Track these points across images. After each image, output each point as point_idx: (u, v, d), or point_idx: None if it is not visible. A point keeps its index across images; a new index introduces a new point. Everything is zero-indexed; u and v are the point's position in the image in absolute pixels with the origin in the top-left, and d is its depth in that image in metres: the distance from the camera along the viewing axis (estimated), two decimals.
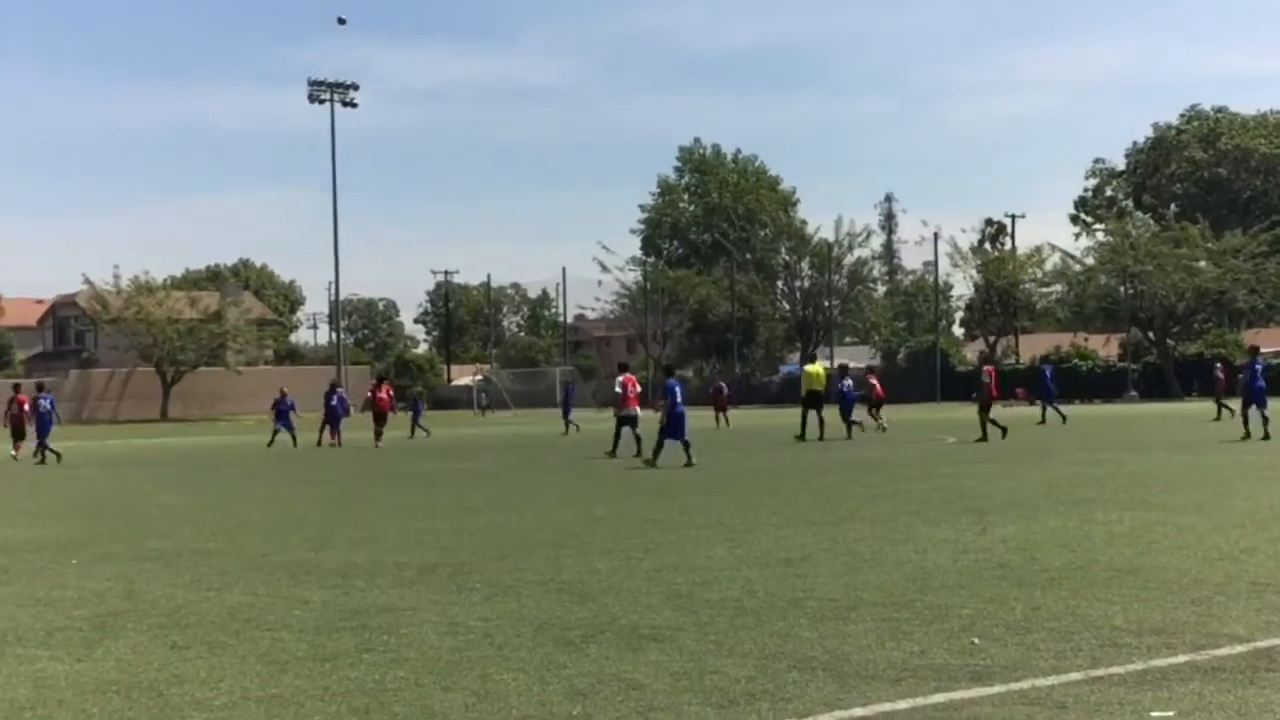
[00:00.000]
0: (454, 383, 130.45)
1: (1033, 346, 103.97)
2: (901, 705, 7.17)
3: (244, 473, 31.69)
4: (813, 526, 15.87)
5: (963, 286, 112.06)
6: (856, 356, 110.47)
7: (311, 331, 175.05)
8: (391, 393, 49.00)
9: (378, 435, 43.75)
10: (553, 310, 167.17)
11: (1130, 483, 21.30)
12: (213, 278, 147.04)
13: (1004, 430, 36.91)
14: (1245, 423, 34.18)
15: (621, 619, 9.92)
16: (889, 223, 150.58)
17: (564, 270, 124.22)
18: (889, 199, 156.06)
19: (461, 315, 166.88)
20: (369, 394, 47.43)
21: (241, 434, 48.90)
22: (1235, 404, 39.16)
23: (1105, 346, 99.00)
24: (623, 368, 34.01)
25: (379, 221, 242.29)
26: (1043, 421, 47.96)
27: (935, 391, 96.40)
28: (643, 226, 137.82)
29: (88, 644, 9.57)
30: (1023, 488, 20.93)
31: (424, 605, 10.81)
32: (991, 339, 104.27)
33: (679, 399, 29.12)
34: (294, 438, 45.57)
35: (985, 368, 41.12)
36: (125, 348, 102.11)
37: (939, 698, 7.30)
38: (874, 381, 48.12)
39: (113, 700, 7.78)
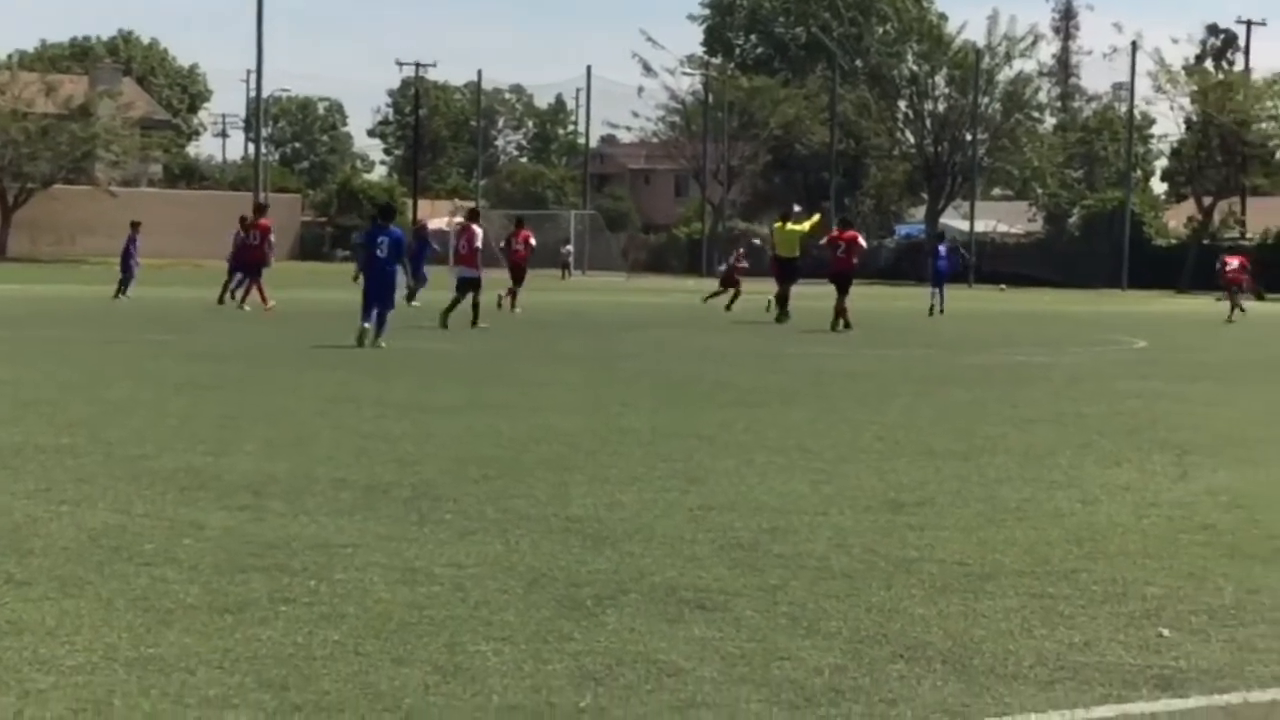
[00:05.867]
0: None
1: (1268, 215, 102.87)
2: (1054, 717, 7.21)
3: (116, 339, 31.79)
4: (935, 458, 15.88)
5: (1169, 122, 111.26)
6: (1011, 216, 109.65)
7: (219, 140, 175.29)
8: (531, 242, 49.08)
9: (513, 295, 44.09)
10: (570, 128, 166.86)
11: None
12: (79, 56, 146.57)
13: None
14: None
15: (654, 575, 9.98)
16: (1066, 24, 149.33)
17: (589, 70, 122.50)
18: None
19: (437, 128, 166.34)
20: (503, 244, 48.97)
21: (113, 282, 48.98)
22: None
23: None
24: (473, 215, 34.53)
25: None
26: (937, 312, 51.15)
27: (1121, 273, 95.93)
28: (707, 12, 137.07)
29: None
30: (1246, 418, 20.88)
31: (370, 541, 10.88)
32: (1207, 200, 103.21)
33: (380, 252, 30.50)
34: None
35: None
36: None
37: (1107, 710, 7.34)
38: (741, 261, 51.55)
39: None
